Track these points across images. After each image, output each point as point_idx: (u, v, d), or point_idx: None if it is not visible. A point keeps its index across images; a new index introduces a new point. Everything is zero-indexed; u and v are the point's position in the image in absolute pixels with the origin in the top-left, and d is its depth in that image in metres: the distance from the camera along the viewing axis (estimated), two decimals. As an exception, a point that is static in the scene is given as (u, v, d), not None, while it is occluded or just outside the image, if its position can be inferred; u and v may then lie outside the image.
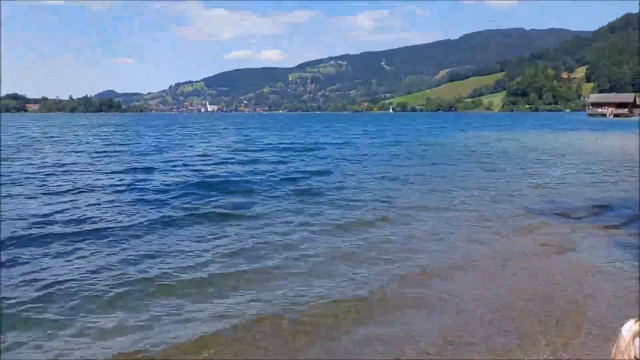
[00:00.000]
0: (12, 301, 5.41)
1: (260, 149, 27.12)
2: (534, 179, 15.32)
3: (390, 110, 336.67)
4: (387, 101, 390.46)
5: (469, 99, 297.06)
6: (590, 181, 14.88)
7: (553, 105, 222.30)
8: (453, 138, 38.25)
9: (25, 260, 6.87)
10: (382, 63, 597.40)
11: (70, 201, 11.02)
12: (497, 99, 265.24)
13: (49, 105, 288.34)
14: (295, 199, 11.62)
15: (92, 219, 9.27)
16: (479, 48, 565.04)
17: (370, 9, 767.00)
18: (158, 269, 6.57)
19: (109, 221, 9.16)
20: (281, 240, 8.00)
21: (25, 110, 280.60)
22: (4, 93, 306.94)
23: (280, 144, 31.12)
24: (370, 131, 50.27)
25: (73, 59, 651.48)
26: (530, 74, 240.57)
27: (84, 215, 9.58)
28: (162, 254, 7.22)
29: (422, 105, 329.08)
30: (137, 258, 7.01)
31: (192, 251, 7.41)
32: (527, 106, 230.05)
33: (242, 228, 8.83)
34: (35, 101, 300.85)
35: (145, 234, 8.31)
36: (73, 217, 9.40)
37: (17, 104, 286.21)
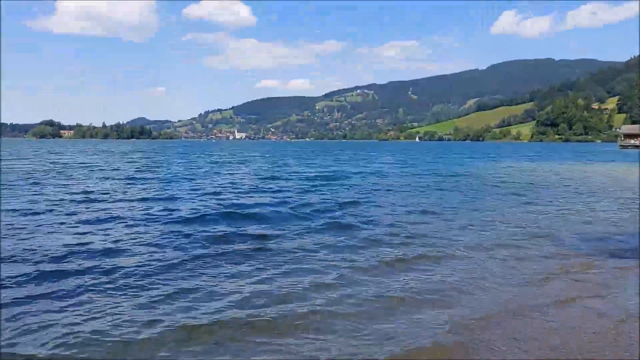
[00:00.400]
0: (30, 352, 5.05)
1: (288, 177, 26.73)
2: (573, 213, 14.54)
3: (417, 139, 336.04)
4: (413, 130, 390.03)
5: (497, 129, 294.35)
6: (629, 215, 14.06)
7: (583, 136, 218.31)
8: (484, 168, 37.38)
9: (44, 304, 6.53)
10: (409, 92, 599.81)
11: (93, 233, 10.72)
12: (526, 129, 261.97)
13: (82, 132, 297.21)
14: (328, 233, 11.11)
15: (117, 253, 8.93)
16: (507, 78, 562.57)
17: (398, 39, 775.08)
18: (190, 313, 6.15)
19: (135, 255, 8.80)
20: (322, 279, 7.54)
21: (60, 137, 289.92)
22: (40, 120, 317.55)
23: (309, 172, 30.77)
24: (398, 160, 49.79)
25: (107, 88, 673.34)
26: (561, 104, 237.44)
27: (107, 248, 9.21)
28: (192, 295, 6.78)
29: (450, 134, 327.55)
30: (164, 300, 6.59)
31: (226, 291, 6.95)
32: (556, 137, 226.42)
33: (276, 264, 8.36)
34: (70, 128, 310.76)
35: (173, 272, 7.89)
36: (95, 250, 9.07)
37: (53, 130, 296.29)
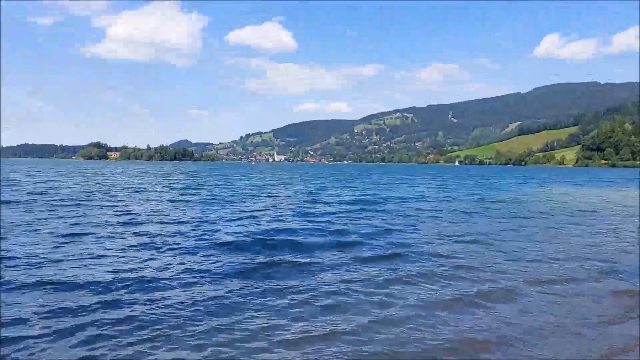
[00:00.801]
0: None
1: (328, 201, 26.30)
2: (633, 243, 13.58)
3: (457, 163, 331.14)
4: (454, 153, 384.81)
5: (540, 153, 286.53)
6: None
7: (631, 161, 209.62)
8: (531, 194, 35.98)
9: (94, 337, 6.33)
10: (450, 115, 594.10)
11: (135, 259, 10.63)
12: (571, 154, 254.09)
13: (128, 154, 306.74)
14: (371, 264, 10.58)
15: (157, 282, 8.75)
16: (550, 101, 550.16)
17: (438, 62, 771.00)
18: (234, 350, 5.86)
19: (174, 288, 8.53)
20: (375, 316, 7.11)
21: (107, 158, 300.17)
22: (88, 141, 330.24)
23: (348, 196, 30.32)
24: (440, 184, 48.68)
25: (151, 110, 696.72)
26: (607, 129, 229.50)
27: (144, 277, 8.99)
28: (235, 334, 6.44)
29: (491, 158, 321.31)
30: (208, 336, 6.32)
31: (270, 327, 6.65)
32: (603, 161, 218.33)
33: (320, 298, 7.98)
34: (116, 149, 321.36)
35: (214, 305, 7.60)
36: (131, 278, 8.90)
37: (100, 152, 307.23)
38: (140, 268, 9.63)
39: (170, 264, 10.06)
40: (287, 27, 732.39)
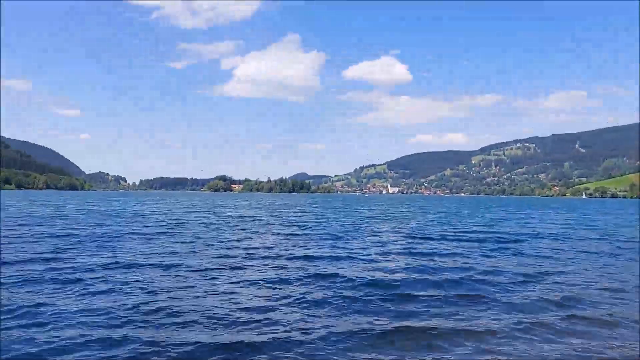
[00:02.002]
0: None
1: (451, 237, 24.54)
2: None
3: (584, 196, 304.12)
4: (582, 185, 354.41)
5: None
6: None
7: None
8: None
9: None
10: (577, 145, 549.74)
11: (253, 295, 10.39)
12: None
13: (250, 186, 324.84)
14: (520, 315, 9.17)
15: (274, 324, 8.30)
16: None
17: (562, 89, 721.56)
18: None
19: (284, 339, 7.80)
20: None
21: (231, 190, 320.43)
22: (214, 175, 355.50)
23: (473, 231, 28.29)
24: (573, 219, 44.11)
25: (272, 145, 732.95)
26: None
27: (258, 329, 8.27)
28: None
29: (625, 191, 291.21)
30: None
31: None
32: None
33: None
34: (240, 182, 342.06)
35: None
36: (252, 320, 8.50)
37: (225, 184, 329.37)
38: (250, 306, 9.32)
39: (281, 310, 9.62)
40: (402, 60, 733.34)
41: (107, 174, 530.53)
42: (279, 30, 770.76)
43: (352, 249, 18.76)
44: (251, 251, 17.46)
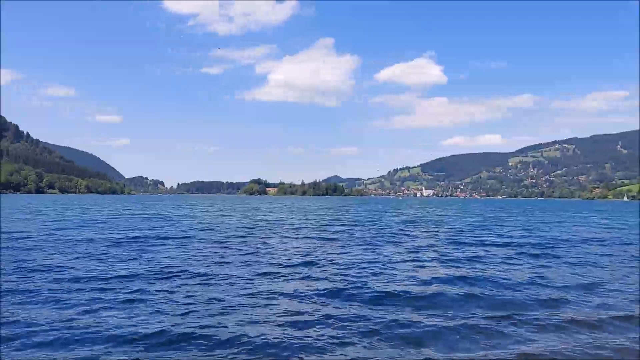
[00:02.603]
0: None
1: (498, 243, 23.51)
2: None
3: (626, 198, 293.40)
4: (624, 187, 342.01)
5: None
6: None
7: None
8: None
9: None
10: (618, 146, 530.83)
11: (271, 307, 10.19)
12: None
13: (284, 189, 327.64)
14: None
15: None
16: None
17: (602, 90, 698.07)
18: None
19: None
20: None
21: (266, 193, 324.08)
22: (249, 178, 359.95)
23: (513, 237, 27.15)
24: (620, 223, 42.57)
25: (306, 148, 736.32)
26: None
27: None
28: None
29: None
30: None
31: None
32: None
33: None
34: (274, 185, 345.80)
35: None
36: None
37: (260, 188, 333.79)
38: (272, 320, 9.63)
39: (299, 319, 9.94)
40: (437, 61, 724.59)
41: (146, 178, 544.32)
42: (312, 35, 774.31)
43: (388, 256, 18.24)
44: (284, 258, 17.01)
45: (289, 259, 16.83)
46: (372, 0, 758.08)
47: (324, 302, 10.52)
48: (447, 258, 17.84)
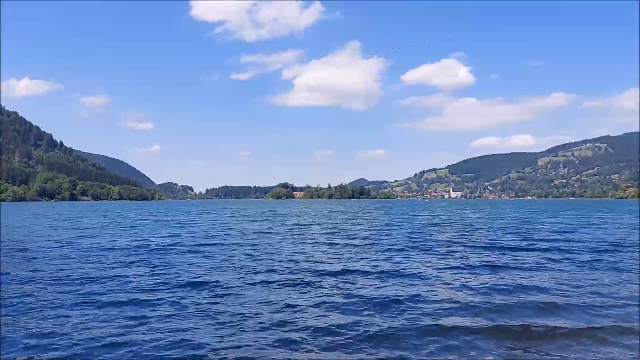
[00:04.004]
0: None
1: (536, 246, 22.58)
2: None
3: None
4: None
5: None
6: None
7: None
8: None
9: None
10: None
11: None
12: None
13: (310, 192, 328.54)
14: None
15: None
16: None
17: (634, 87, 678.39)
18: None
19: None
20: None
21: (293, 197, 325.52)
22: (277, 182, 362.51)
23: (558, 239, 26.02)
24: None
25: (332, 152, 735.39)
26: None
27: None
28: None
29: None
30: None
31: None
32: None
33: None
34: (301, 189, 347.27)
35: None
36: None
37: (287, 192, 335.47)
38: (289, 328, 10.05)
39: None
40: (465, 62, 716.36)
41: (176, 184, 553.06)
42: (338, 38, 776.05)
43: (420, 263, 17.51)
44: (312, 265, 16.36)
45: (317, 266, 16.19)
46: (396, 0, 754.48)
47: (379, 314, 9.97)
48: (492, 264, 17.21)
